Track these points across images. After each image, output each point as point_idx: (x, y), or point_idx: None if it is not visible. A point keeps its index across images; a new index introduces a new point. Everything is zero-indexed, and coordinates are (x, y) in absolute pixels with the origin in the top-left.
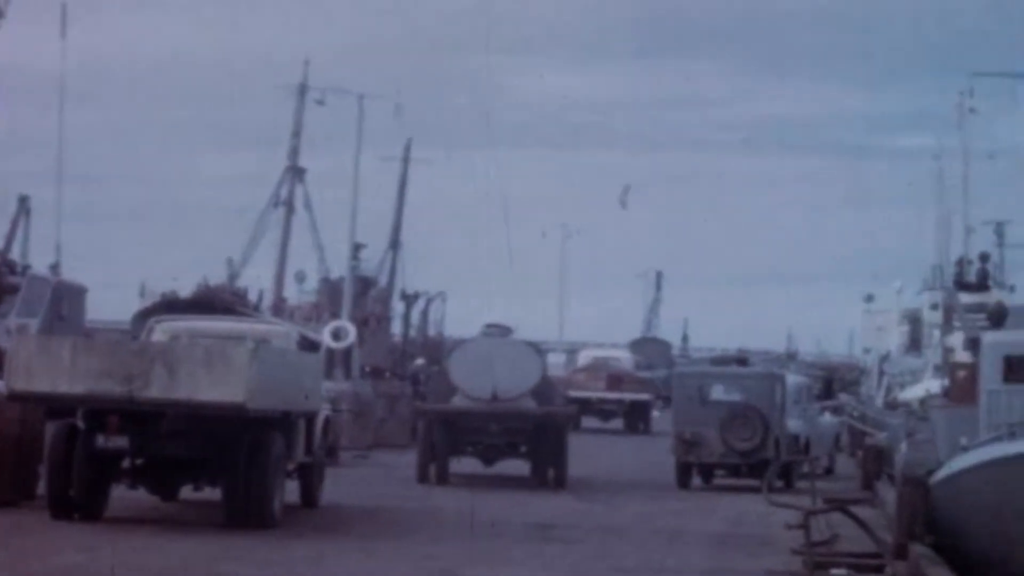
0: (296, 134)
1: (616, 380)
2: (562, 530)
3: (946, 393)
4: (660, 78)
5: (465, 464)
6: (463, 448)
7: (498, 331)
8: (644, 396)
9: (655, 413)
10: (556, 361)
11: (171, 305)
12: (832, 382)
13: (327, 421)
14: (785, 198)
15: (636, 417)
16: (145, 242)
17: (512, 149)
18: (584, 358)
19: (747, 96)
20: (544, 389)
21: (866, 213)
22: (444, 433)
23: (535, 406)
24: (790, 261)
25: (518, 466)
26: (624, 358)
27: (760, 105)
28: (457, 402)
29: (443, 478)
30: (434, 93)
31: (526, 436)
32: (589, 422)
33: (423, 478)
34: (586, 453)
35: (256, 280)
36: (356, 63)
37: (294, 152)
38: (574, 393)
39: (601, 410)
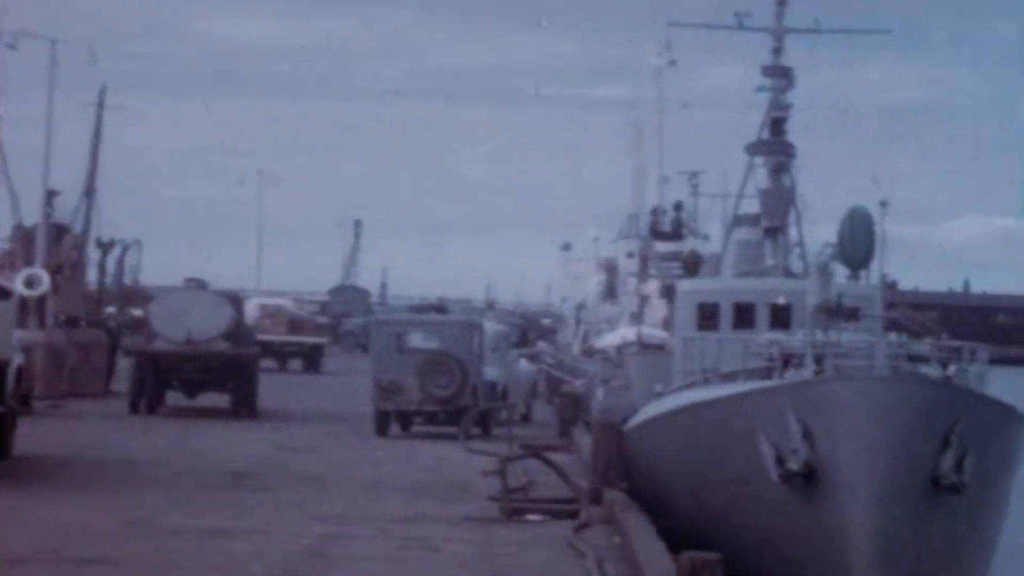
0: None
1: (297, 325)
2: (262, 478)
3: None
4: (359, 25)
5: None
6: (168, 384)
7: (195, 284)
8: (321, 340)
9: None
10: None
11: None
12: (529, 330)
13: (20, 370)
14: (483, 147)
15: (313, 359)
16: None
17: (211, 96)
18: (252, 306)
19: (446, 45)
20: (239, 333)
21: (564, 162)
22: (150, 371)
23: (228, 348)
24: (488, 210)
25: (220, 399)
26: (288, 305)
27: (459, 54)
28: (158, 345)
29: (152, 410)
30: (132, 39)
31: (219, 373)
32: (268, 363)
33: (135, 410)
34: (279, 394)
35: None
36: (51, 7)
37: None
38: (261, 336)
39: (282, 352)
